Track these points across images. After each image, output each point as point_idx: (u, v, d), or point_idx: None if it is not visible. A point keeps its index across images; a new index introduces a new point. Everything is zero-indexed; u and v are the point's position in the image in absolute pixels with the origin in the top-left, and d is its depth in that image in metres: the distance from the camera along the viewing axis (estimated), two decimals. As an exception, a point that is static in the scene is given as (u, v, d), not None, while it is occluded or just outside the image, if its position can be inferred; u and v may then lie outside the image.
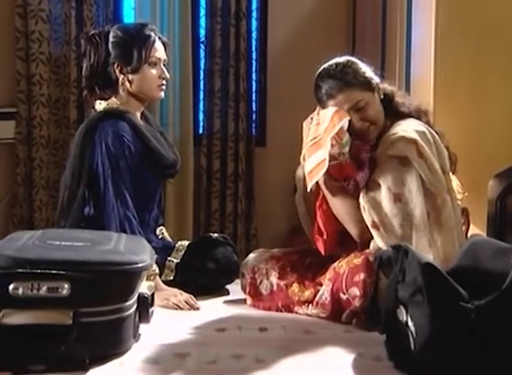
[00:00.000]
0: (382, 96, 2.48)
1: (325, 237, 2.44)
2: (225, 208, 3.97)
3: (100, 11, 3.85)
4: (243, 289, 2.57)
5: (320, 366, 1.91)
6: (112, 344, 1.92)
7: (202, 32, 4.04)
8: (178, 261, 2.68)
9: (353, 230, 2.41)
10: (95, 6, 3.82)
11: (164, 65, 2.77)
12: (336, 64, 2.45)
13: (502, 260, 1.87)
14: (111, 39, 2.68)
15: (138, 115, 2.78)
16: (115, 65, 2.68)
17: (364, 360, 1.95)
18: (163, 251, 2.62)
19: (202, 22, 4.04)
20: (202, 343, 2.06)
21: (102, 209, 2.58)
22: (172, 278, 2.64)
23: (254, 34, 4.06)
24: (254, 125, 4.06)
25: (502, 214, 2.62)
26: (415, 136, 2.33)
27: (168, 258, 2.66)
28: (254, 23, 4.07)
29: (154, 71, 2.71)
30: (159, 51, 2.73)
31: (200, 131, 4.05)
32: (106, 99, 2.73)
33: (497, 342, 1.71)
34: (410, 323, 1.82)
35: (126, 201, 2.57)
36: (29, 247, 1.95)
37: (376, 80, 2.48)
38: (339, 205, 2.42)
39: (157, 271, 2.52)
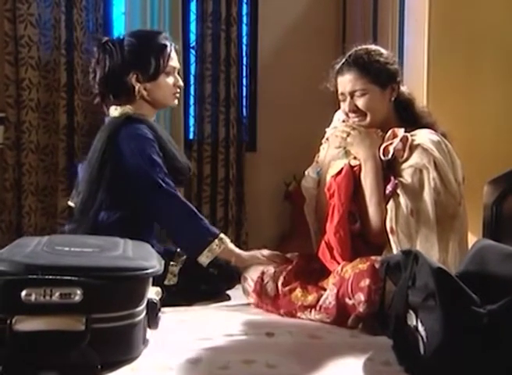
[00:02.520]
0: (394, 98, 2.51)
1: (340, 261, 2.45)
2: (215, 213, 3.99)
3: (90, 16, 3.84)
4: (246, 293, 2.58)
5: (331, 371, 1.90)
6: (124, 350, 1.91)
7: (193, 37, 4.06)
8: (180, 266, 2.67)
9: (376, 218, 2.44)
10: (85, 11, 3.81)
11: (178, 73, 2.79)
12: (364, 49, 2.51)
13: (510, 265, 1.90)
14: (126, 47, 2.65)
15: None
16: (132, 73, 2.66)
17: (374, 365, 1.95)
18: (165, 255, 2.60)
19: (193, 27, 4.06)
20: (211, 348, 2.04)
21: (152, 207, 2.59)
22: (175, 283, 2.63)
23: (244, 40, 4.10)
24: (244, 130, 4.09)
25: (497, 219, 2.64)
26: (432, 146, 2.37)
27: (171, 263, 2.65)
28: (245, 29, 4.11)
29: (169, 79, 2.72)
30: (174, 60, 2.75)
31: (191, 136, 4.07)
32: (120, 105, 2.71)
33: (510, 347, 1.72)
34: (420, 328, 1.82)
35: (168, 188, 2.58)
36: (39, 253, 1.93)
37: (394, 78, 2.51)
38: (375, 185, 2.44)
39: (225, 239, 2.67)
